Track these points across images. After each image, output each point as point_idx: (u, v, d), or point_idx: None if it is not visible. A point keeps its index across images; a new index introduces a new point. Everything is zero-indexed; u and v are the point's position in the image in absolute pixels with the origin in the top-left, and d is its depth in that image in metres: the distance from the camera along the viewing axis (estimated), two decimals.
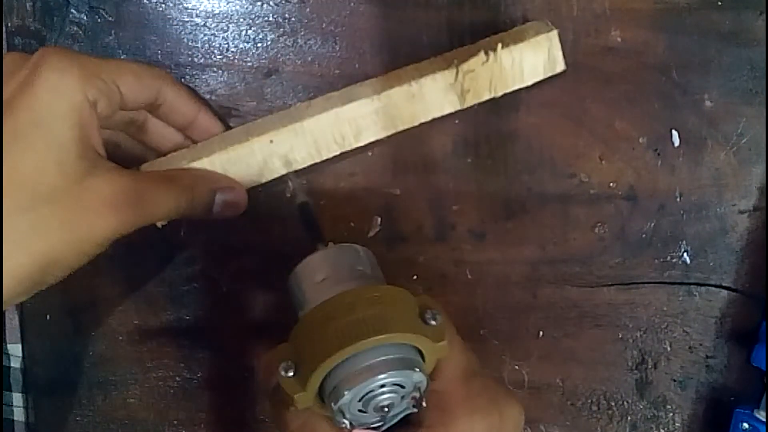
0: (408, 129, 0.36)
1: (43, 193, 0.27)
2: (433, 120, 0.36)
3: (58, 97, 0.28)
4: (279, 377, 0.27)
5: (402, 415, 0.29)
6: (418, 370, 0.27)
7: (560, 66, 0.36)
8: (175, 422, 0.42)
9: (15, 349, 0.42)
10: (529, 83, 0.36)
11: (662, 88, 0.39)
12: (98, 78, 0.29)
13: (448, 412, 0.29)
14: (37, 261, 0.27)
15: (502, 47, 0.35)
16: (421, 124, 0.36)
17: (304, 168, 0.36)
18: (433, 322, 0.28)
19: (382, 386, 0.27)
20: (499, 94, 0.36)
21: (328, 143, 0.36)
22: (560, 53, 0.36)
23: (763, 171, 0.39)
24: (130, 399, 0.42)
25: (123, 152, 0.35)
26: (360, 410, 0.27)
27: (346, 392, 0.26)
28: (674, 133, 0.39)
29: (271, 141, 0.35)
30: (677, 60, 0.39)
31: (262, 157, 0.36)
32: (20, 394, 0.43)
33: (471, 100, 0.36)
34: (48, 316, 0.41)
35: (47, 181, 0.27)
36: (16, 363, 0.42)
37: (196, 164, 0.35)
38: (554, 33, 0.35)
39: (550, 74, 0.36)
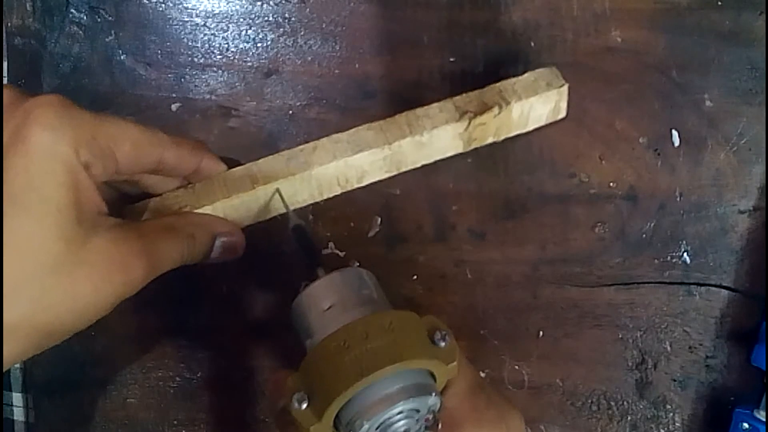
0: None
1: (46, 262, 0.26)
2: None
3: (52, 160, 0.26)
4: (292, 409, 0.27)
5: None
6: (433, 393, 0.27)
7: (562, 114, 0.37)
8: (175, 422, 0.42)
9: None
10: (530, 129, 0.36)
11: (662, 88, 0.39)
12: (93, 140, 0.27)
13: (457, 427, 0.29)
14: (40, 331, 0.26)
15: (515, 101, 0.35)
16: None
17: None
18: (443, 344, 0.28)
19: (400, 412, 0.27)
20: (501, 138, 0.36)
21: (332, 186, 0.36)
22: (565, 104, 0.36)
23: (763, 171, 0.39)
24: (130, 399, 0.42)
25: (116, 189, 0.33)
26: None
27: (365, 423, 0.26)
28: (674, 133, 0.39)
29: (278, 189, 0.34)
30: (677, 60, 0.39)
31: (264, 202, 0.35)
32: (20, 394, 0.43)
33: (474, 145, 0.36)
34: None
35: (49, 249, 0.26)
36: (16, 363, 0.42)
37: (197, 210, 0.33)
38: (565, 88, 0.35)
39: (551, 121, 0.37)
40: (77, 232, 0.26)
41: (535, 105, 0.35)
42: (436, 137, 0.35)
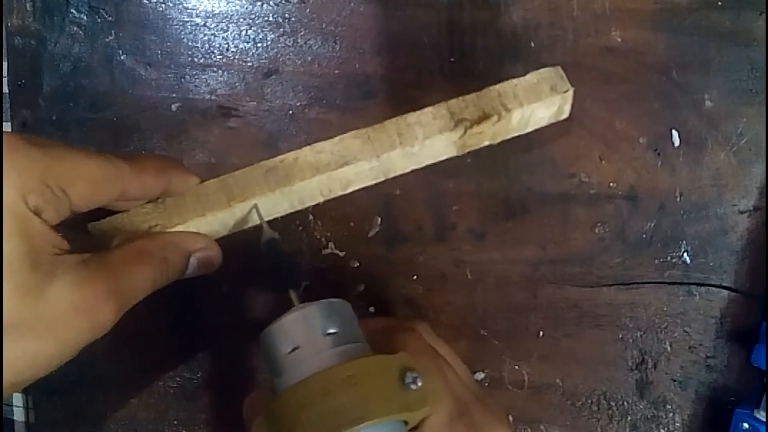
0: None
1: (5, 323, 0.24)
2: None
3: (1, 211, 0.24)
4: None
5: None
6: None
7: (565, 115, 0.36)
8: (175, 422, 0.42)
9: None
10: (529, 130, 0.36)
11: (662, 88, 0.39)
12: (43, 185, 0.25)
13: None
14: (6, 386, 0.25)
15: (516, 108, 0.33)
16: None
17: None
18: (414, 387, 0.26)
19: None
20: (497, 141, 0.36)
21: (314, 196, 0.35)
22: (569, 106, 0.35)
23: (763, 171, 0.39)
24: (130, 399, 0.42)
25: None
26: None
27: None
28: (674, 133, 0.39)
29: (255, 205, 0.33)
30: (677, 60, 0.39)
31: (241, 217, 0.33)
32: (20, 394, 0.43)
33: (468, 150, 0.35)
34: None
35: (6, 308, 0.24)
36: None
37: (169, 229, 0.32)
38: (570, 93, 0.34)
39: (552, 122, 0.36)
40: (34, 282, 0.24)
41: (536, 110, 0.34)
42: (428, 147, 0.34)
